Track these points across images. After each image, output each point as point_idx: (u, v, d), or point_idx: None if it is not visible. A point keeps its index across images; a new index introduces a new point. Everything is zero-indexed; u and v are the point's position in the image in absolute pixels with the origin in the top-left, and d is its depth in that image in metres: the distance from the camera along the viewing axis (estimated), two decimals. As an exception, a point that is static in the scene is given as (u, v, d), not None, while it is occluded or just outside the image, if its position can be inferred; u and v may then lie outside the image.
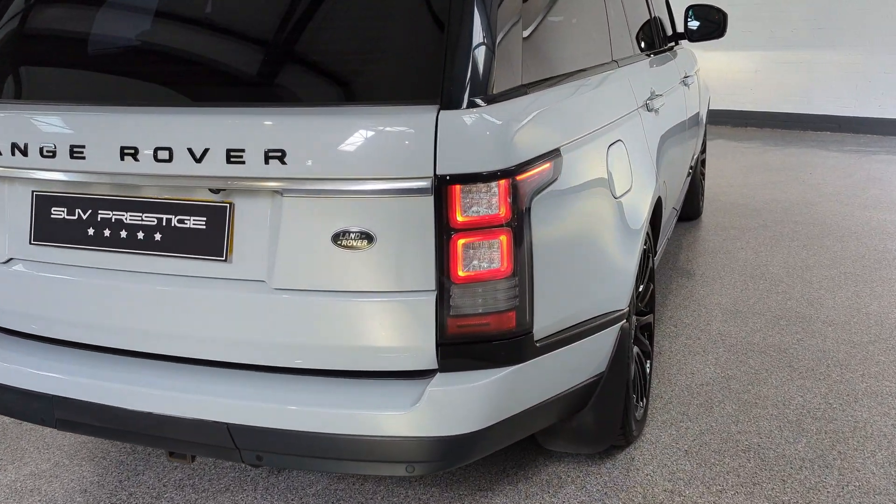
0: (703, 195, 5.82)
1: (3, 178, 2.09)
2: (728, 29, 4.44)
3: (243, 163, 1.80)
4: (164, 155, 1.85)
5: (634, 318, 2.84)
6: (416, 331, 1.84)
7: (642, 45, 3.53)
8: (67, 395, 2.09)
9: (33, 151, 1.98)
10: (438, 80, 1.80)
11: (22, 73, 2.19)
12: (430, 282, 1.81)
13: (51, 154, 1.96)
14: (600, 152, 2.25)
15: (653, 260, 3.07)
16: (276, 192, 1.82)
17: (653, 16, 3.82)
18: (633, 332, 2.61)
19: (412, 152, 1.74)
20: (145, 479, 2.77)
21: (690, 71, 4.48)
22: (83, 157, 1.93)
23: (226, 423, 1.94)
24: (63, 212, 2.04)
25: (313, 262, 1.83)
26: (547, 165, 1.93)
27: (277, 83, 1.97)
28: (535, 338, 1.97)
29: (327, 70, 1.95)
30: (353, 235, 1.79)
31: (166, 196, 1.94)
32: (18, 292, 2.16)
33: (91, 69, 2.13)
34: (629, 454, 2.77)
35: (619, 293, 2.37)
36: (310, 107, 1.85)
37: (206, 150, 1.82)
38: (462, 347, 1.87)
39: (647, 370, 3.05)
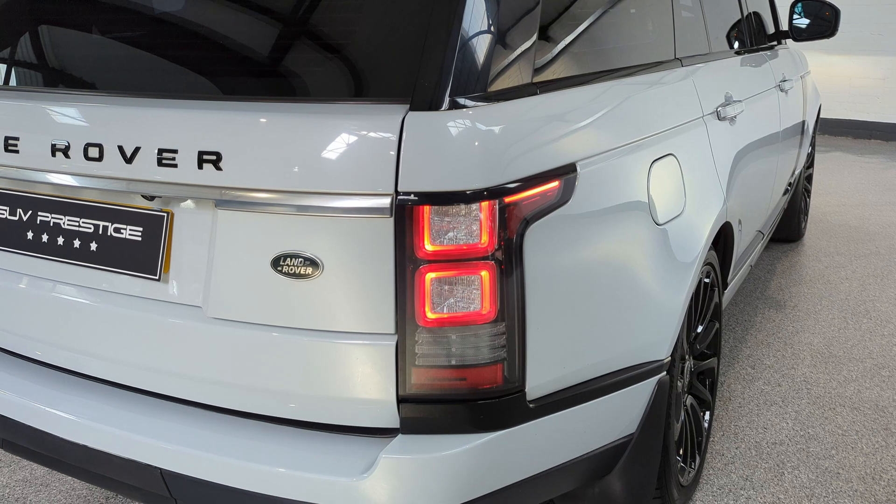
0: (805, 215, 5.19)
1: None
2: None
3: (175, 166, 1.50)
4: (94, 153, 1.58)
5: (690, 361, 2.40)
6: (374, 382, 1.49)
7: (728, 43, 3.05)
8: (7, 415, 1.86)
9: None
10: (413, 73, 1.44)
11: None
12: (390, 324, 1.46)
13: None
14: (639, 169, 1.84)
15: (720, 295, 2.60)
16: (213, 202, 1.51)
17: (745, 11, 3.31)
18: (679, 383, 2.17)
19: (369, 163, 1.39)
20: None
21: (792, 74, 3.91)
22: (17, 151, 1.69)
23: (159, 468, 1.66)
24: (6, 211, 1.80)
25: (251, 289, 1.51)
26: (554, 184, 1.54)
27: (229, 73, 1.65)
28: (529, 397, 1.58)
29: (284, 57, 1.62)
30: (296, 261, 1.46)
31: (104, 200, 1.67)
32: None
33: (43, 55, 1.89)
34: (670, 527, 2.33)
35: (656, 340, 1.94)
36: (255, 101, 1.53)
37: (136, 149, 1.53)
38: (430, 406, 1.51)
39: (705, 423, 2.59)
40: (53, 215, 1.72)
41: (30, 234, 1.76)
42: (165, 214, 1.59)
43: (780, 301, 4.13)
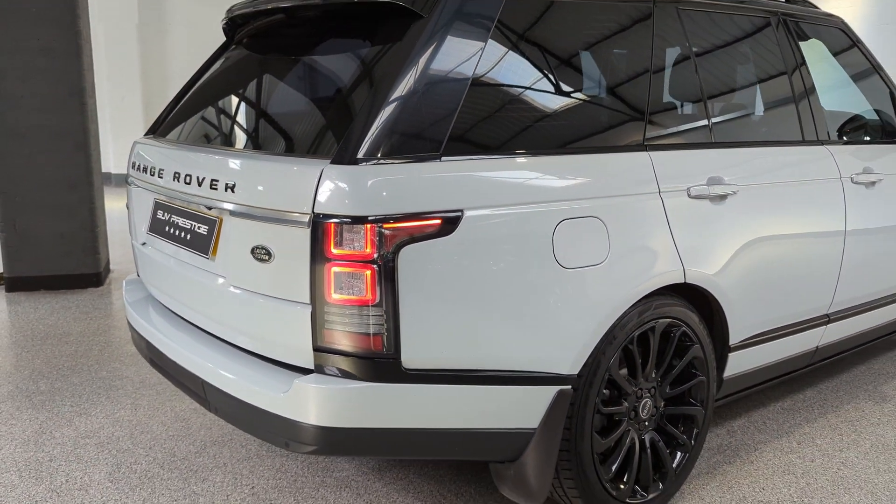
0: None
1: (146, 189, 3.09)
2: None
3: (217, 189, 2.50)
4: (187, 179, 2.65)
5: (651, 400, 2.84)
6: (299, 335, 2.33)
7: (778, 132, 3.38)
8: (150, 340, 2.99)
9: (153, 171, 2.94)
10: (337, 141, 2.31)
11: (168, 119, 3.25)
12: (307, 297, 2.29)
13: (153, 174, 2.91)
14: (540, 223, 2.43)
15: (705, 351, 2.98)
16: (231, 212, 2.49)
17: (808, 101, 3.56)
18: (594, 404, 2.65)
19: (300, 193, 2.26)
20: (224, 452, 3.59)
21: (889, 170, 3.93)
22: (162, 178, 2.83)
23: (201, 378, 2.64)
24: (161, 213, 2.96)
25: (244, 267, 2.45)
26: (435, 221, 2.26)
27: (253, 135, 2.71)
28: (406, 366, 2.29)
29: (285, 129, 2.62)
30: (261, 251, 2.37)
31: (195, 209, 2.73)
32: (146, 266, 3.15)
33: (194, 121, 3.09)
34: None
35: (555, 358, 2.51)
36: (254, 153, 2.52)
37: (202, 179, 2.57)
38: (335, 356, 2.30)
39: (675, 463, 2.97)
40: (177, 217, 2.84)
41: (167, 228, 2.90)
42: (216, 219, 2.60)
43: (886, 396, 4.08)
